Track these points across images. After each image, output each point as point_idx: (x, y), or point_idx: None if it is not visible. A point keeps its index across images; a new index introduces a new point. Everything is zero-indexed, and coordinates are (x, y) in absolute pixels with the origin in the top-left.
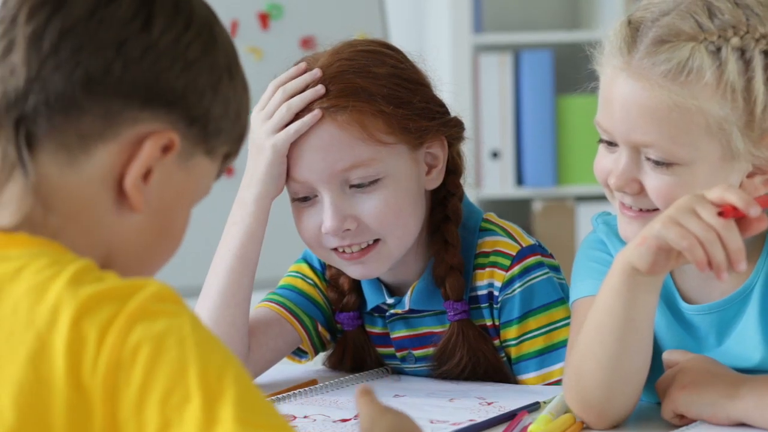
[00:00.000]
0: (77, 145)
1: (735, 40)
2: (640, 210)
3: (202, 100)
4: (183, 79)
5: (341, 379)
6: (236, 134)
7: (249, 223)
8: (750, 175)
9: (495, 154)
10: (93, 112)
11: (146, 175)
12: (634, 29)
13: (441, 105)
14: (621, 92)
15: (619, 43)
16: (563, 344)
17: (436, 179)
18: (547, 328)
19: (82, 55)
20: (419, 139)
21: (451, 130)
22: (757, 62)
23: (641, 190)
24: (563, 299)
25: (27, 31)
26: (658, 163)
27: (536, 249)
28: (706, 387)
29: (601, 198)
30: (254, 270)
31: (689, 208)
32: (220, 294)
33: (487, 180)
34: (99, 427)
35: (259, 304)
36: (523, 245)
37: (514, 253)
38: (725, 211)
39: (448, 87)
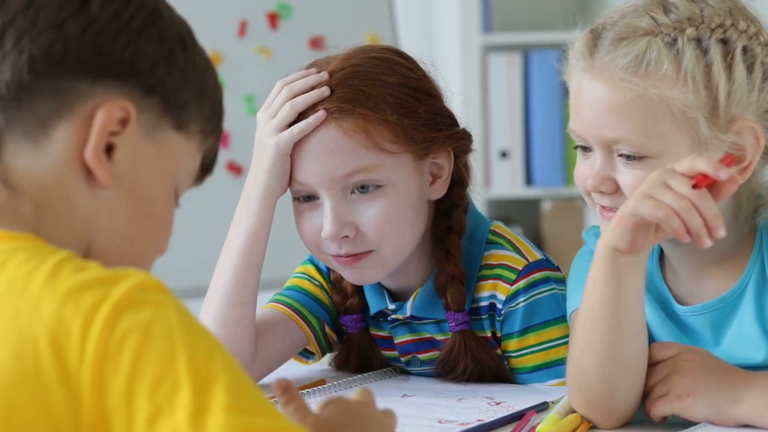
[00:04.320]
0: (38, 130)
1: (690, 31)
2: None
3: (155, 70)
4: (130, 49)
5: (349, 378)
6: (206, 111)
7: (254, 222)
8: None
9: (504, 154)
10: (44, 92)
11: (110, 150)
12: (595, 34)
13: (449, 116)
14: (587, 93)
15: (582, 49)
16: (561, 362)
17: (440, 190)
18: (546, 345)
19: (24, 42)
20: (424, 150)
21: (458, 142)
22: (715, 51)
23: (617, 189)
24: (565, 317)
25: None
26: (630, 158)
27: (543, 264)
28: (709, 393)
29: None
30: (260, 268)
31: (661, 182)
32: (226, 292)
33: (497, 180)
34: (88, 416)
35: (265, 305)
36: (530, 260)
37: (520, 268)
38: (698, 182)
39: (458, 87)
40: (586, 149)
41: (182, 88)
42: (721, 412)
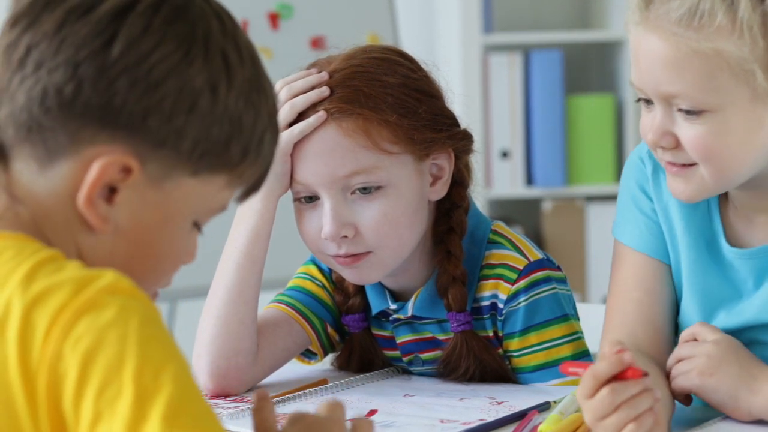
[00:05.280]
0: (45, 157)
1: None
2: (683, 165)
3: (170, 123)
4: (144, 102)
5: (351, 378)
6: (237, 152)
7: (255, 221)
8: None
9: (505, 154)
10: (53, 128)
11: (111, 194)
12: None
13: (450, 117)
14: (643, 47)
15: (639, 2)
16: (562, 361)
17: (440, 191)
18: (548, 345)
19: (41, 71)
20: (425, 150)
21: (458, 142)
22: None
23: (677, 144)
24: (566, 316)
25: (4, 42)
26: (689, 113)
27: (544, 263)
28: (730, 378)
29: (611, 197)
30: (261, 268)
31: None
32: (228, 291)
33: (497, 180)
34: (44, 418)
35: (268, 305)
36: (531, 259)
37: (521, 267)
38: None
39: (458, 87)
40: (648, 102)
41: (203, 137)
42: (737, 399)
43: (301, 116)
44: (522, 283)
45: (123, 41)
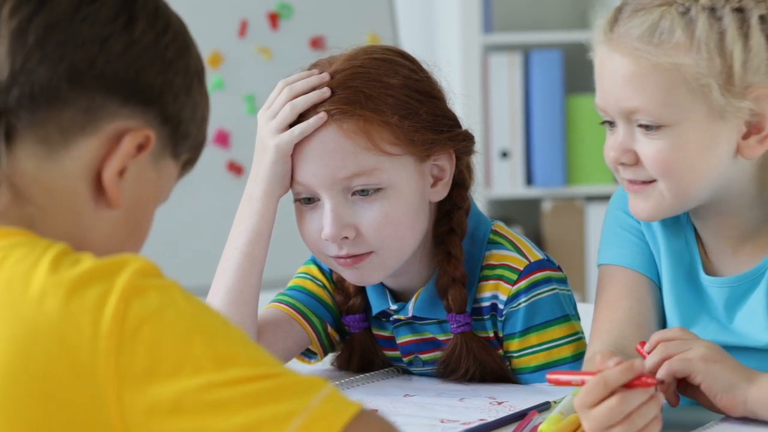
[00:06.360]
0: (58, 139)
1: (704, 0)
2: (643, 182)
3: (177, 101)
4: (161, 77)
5: (352, 378)
6: (198, 140)
7: (256, 221)
8: (745, 136)
9: (504, 154)
10: (76, 105)
11: (121, 172)
12: (617, 10)
13: (451, 118)
14: (607, 66)
15: (603, 24)
16: (563, 361)
17: (441, 192)
18: (548, 345)
19: (67, 48)
20: (426, 152)
21: (459, 144)
22: (729, 20)
23: (637, 160)
24: (567, 316)
25: (11, 26)
26: (648, 128)
27: (544, 264)
28: (731, 369)
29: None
30: (262, 268)
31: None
32: (228, 292)
33: (497, 180)
34: (113, 405)
35: (268, 305)
36: (531, 260)
37: (521, 268)
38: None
39: (458, 87)
40: (612, 124)
41: (190, 119)
42: (734, 388)
43: (301, 117)
44: (522, 284)
45: (142, 22)
